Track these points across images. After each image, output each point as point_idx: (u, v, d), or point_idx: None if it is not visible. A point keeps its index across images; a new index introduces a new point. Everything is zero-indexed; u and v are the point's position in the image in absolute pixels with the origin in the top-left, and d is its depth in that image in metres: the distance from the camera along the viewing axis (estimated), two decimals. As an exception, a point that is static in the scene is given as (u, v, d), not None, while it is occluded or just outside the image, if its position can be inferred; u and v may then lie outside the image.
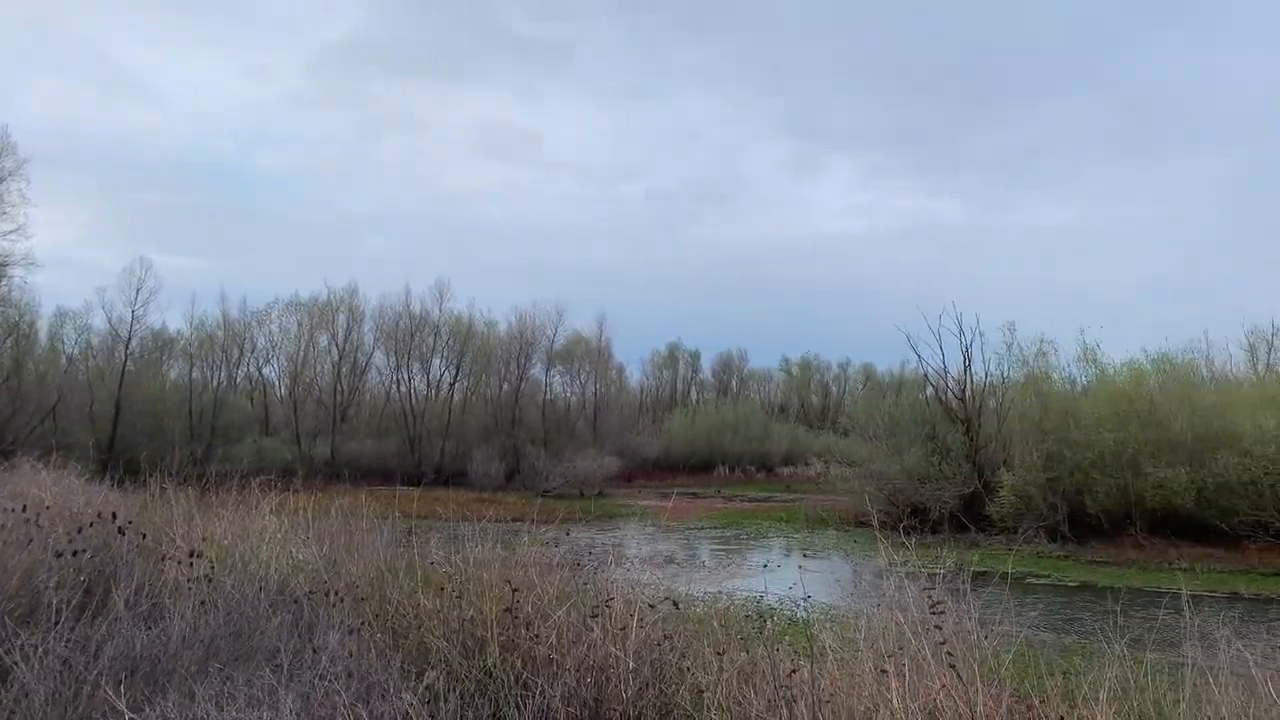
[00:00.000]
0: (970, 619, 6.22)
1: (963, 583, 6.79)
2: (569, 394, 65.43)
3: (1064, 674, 6.80)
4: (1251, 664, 5.97)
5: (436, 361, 58.54)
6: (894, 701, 5.24)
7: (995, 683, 5.79)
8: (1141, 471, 27.10)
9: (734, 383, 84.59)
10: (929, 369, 33.72)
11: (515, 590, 6.27)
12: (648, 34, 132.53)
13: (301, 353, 60.53)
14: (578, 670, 5.26)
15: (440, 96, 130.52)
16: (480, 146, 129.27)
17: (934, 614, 5.70)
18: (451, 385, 58.50)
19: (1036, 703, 6.11)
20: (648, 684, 5.41)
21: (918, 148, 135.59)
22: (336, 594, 6.98)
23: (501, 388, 59.14)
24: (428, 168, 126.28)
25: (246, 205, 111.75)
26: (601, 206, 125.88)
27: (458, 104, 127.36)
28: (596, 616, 5.70)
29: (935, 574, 6.84)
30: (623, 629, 5.62)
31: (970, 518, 29.63)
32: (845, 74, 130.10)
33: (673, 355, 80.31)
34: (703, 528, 32.82)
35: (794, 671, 5.18)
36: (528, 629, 5.95)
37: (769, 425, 69.37)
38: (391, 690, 4.94)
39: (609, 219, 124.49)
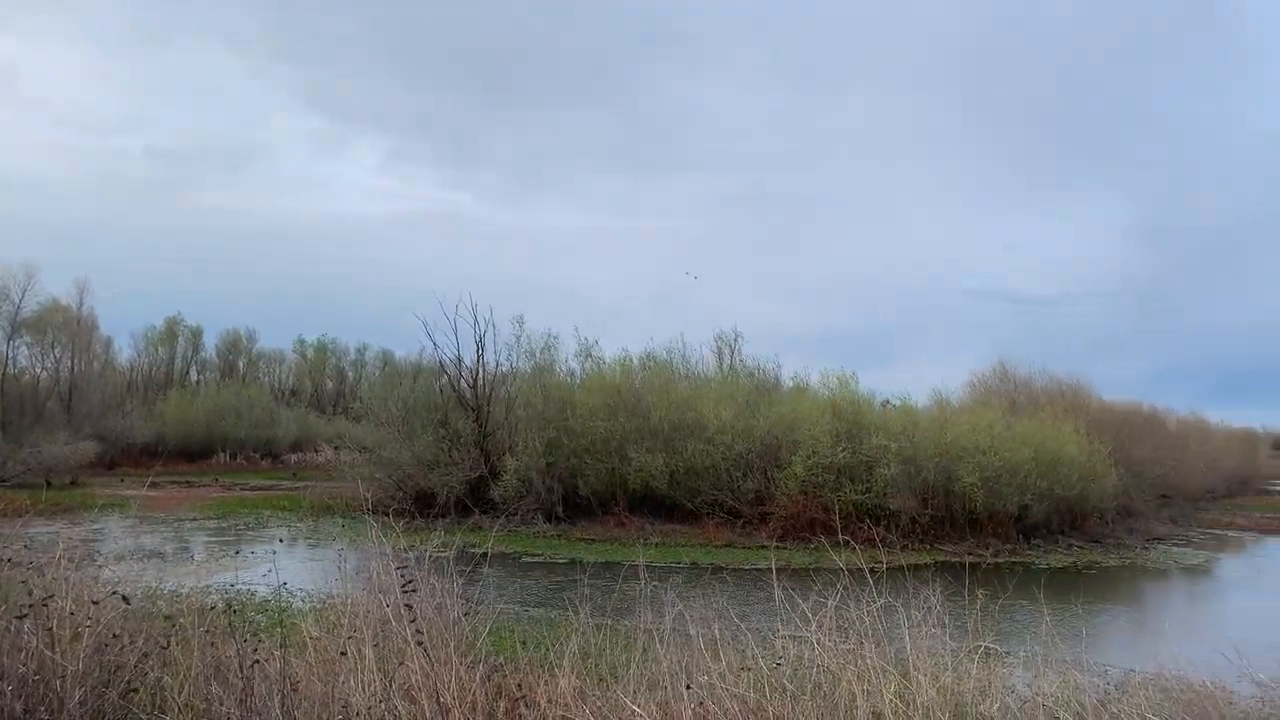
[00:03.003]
0: (454, 598, 6.47)
1: (454, 564, 7.03)
2: (40, 369, 56.79)
3: (537, 644, 7.36)
4: (689, 622, 6.88)
5: None
6: (375, 685, 5.28)
7: (473, 658, 6.08)
8: (626, 457, 30.06)
9: (242, 363, 79.36)
10: (444, 357, 34.43)
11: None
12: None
13: None
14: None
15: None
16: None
17: (406, 593, 5.81)
18: None
19: (509, 673, 6.53)
20: (97, 688, 4.90)
21: (441, 138, 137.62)
22: None
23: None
24: None
25: None
26: (91, 161, 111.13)
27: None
28: (25, 617, 5.03)
29: (441, 557, 7.00)
30: (68, 631, 5.03)
31: (476, 502, 30.75)
32: (371, 53, 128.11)
33: (171, 331, 73.18)
34: (197, 518, 30.41)
35: (256, 662, 4.99)
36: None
37: (278, 410, 66.14)
38: None
39: (99, 175, 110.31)
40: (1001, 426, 29.25)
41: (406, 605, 5.69)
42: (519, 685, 5.83)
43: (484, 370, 34.34)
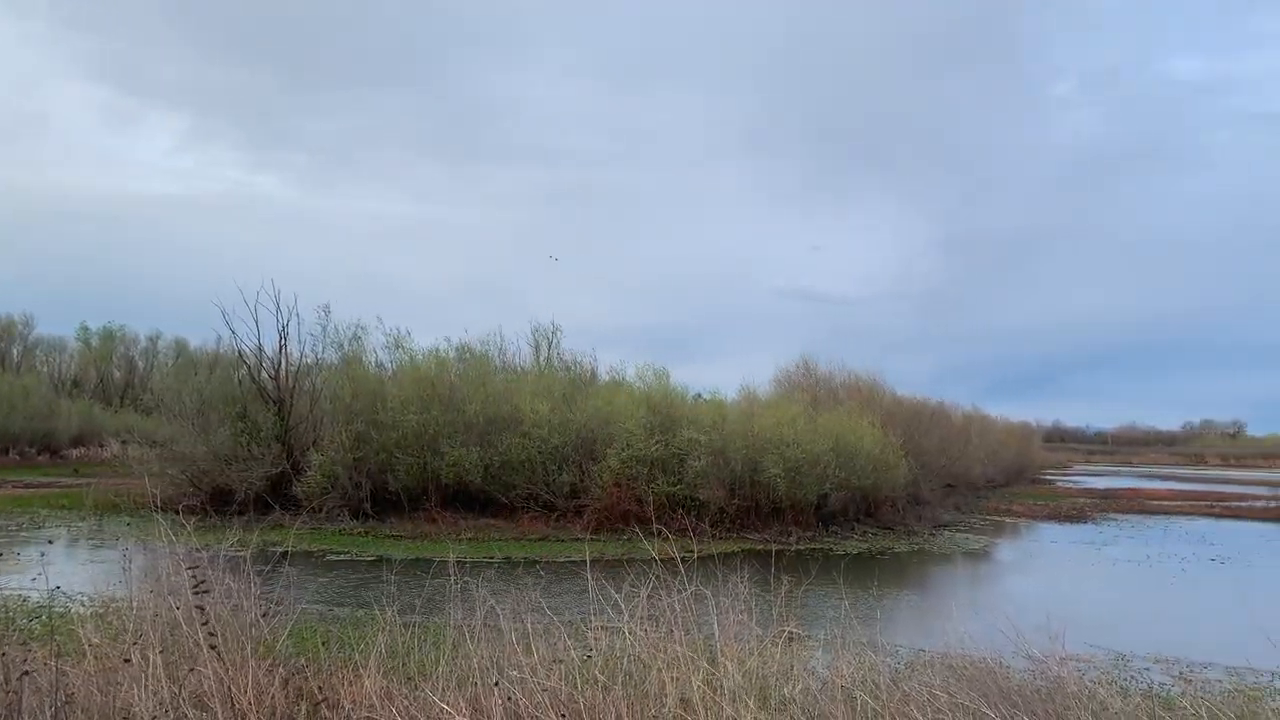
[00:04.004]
0: (252, 599, 6.14)
1: (252, 563, 6.68)
2: None
3: (341, 645, 7.09)
4: (501, 617, 6.82)
5: None
6: (163, 692, 4.94)
7: (272, 661, 5.79)
8: (440, 451, 29.48)
9: (16, 351, 72.86)
10: (244, 347, 32.69)
11: None
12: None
13: None
14: None
15: None
16: None
17: (198, 594, 5.48)
18: None
19: (311, 675, 6.26)
20: None
21: (244, 116, 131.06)
22: None
23: None
24: None
25: None
26: None
27: None
28: None
29: (238, 556, 6.64)
30: None
31: (277, 498, 29.41)
32: (167, 20, 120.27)
33: (-70, 316, 66.56)
34: (-43, 520, 27.67)
35: (25, 674, 4.58)
36: None
37: (58, 401, 61.10)
38: None
39: None
40: (805, 420, 30.52)
41: (199, 607, 5.36)
42: (320, 687, 5.60)
43: (287, 361, 32.85)
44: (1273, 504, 46.03)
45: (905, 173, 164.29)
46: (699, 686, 5.55)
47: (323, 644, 6.51)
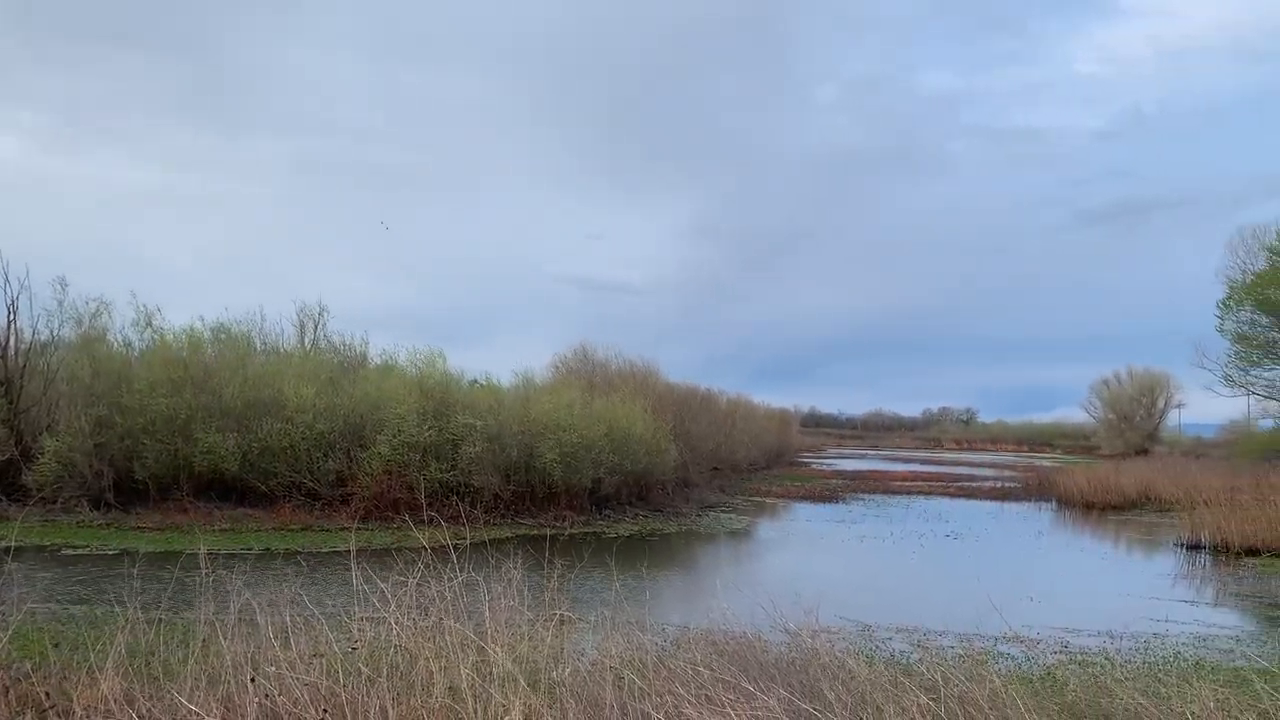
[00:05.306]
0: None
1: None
2: None
3: (74, 646, 6.49)
4: (257, 611, 6.45)
5: None
6: None
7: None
8: (193, 437, 27.58)
9: None
10: (-36, 322, 29.23)
11: None
12: None
13: None
14: None
15: None
16: None
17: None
18: None
19: (38, 680, 5.70)
20: None
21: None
22: None
23: None
24: None
25: None
26: None
27: None
28: None
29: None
30: None
31: (4, 488, 26.61)
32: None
33: None
34: None
35: None
36: None
37: None
38: None
39: None
40: (580, 405, 30.85)
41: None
42: (49, 693, 5.10)
43: (17, 339, 29.71)
44: (999, 484, 50.99)
45: (685, 166, 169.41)
46: (468, 675, 5.47)
47: (53, 645, 5.93)
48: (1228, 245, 46.72)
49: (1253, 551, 23.95)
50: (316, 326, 38.37)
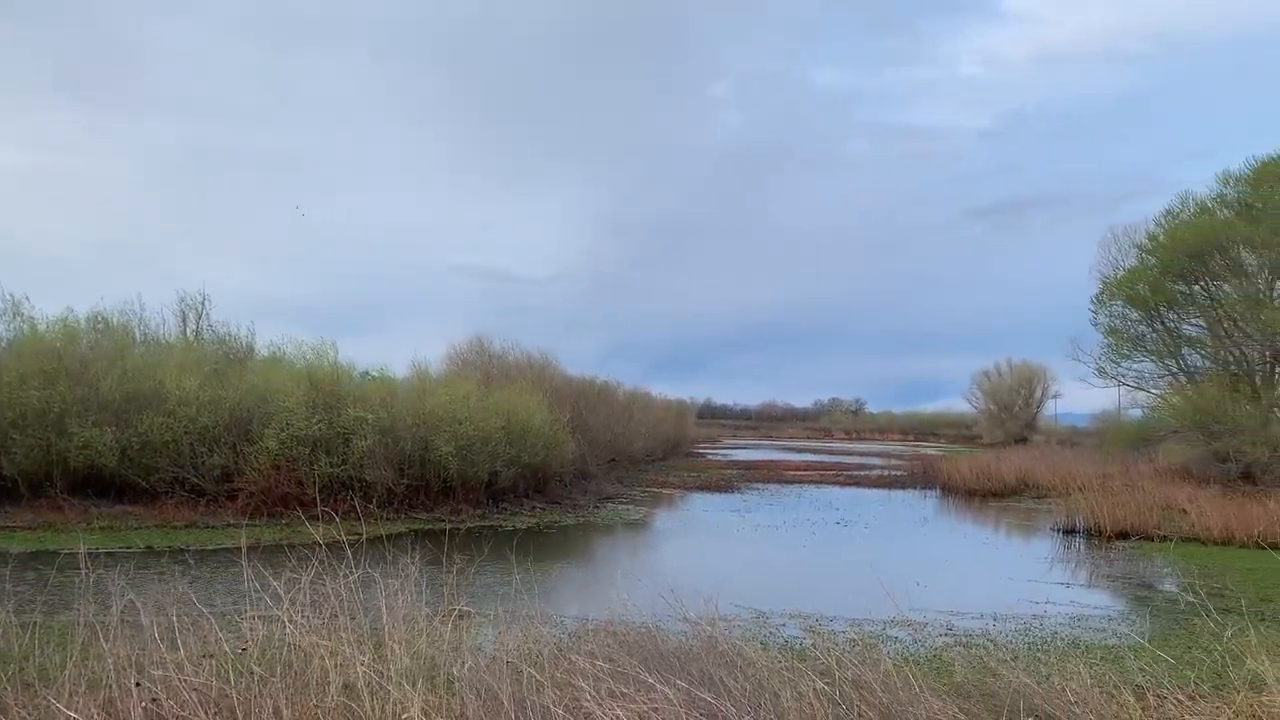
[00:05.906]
0: None
1: None
2: None
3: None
4: (141, 611, 6.23)
5: None
6: None
7: None
8: (67, 432, 26.35)
9: None
10: None
11: None
12: None
13: None
14: None
15: None
16: None
17: None
18: None
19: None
20: None
21: None
22: None
23: None
24: None
25: None
26: None
27: None
28: None
29: None
30: None
31: None
32: None
33: None
34: None
35: None
36: None
37: None
38: None
39: None
40: (477, 397, 30.55)
41: None
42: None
43: None
44: (886, 472, 52.54)
45: (586, 157, 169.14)
46: (365, 672, 5.40)
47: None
48: (1100, 243, 48.86)
49: (1123, 535, 25.25)
50: (199, 317, 37.06)
